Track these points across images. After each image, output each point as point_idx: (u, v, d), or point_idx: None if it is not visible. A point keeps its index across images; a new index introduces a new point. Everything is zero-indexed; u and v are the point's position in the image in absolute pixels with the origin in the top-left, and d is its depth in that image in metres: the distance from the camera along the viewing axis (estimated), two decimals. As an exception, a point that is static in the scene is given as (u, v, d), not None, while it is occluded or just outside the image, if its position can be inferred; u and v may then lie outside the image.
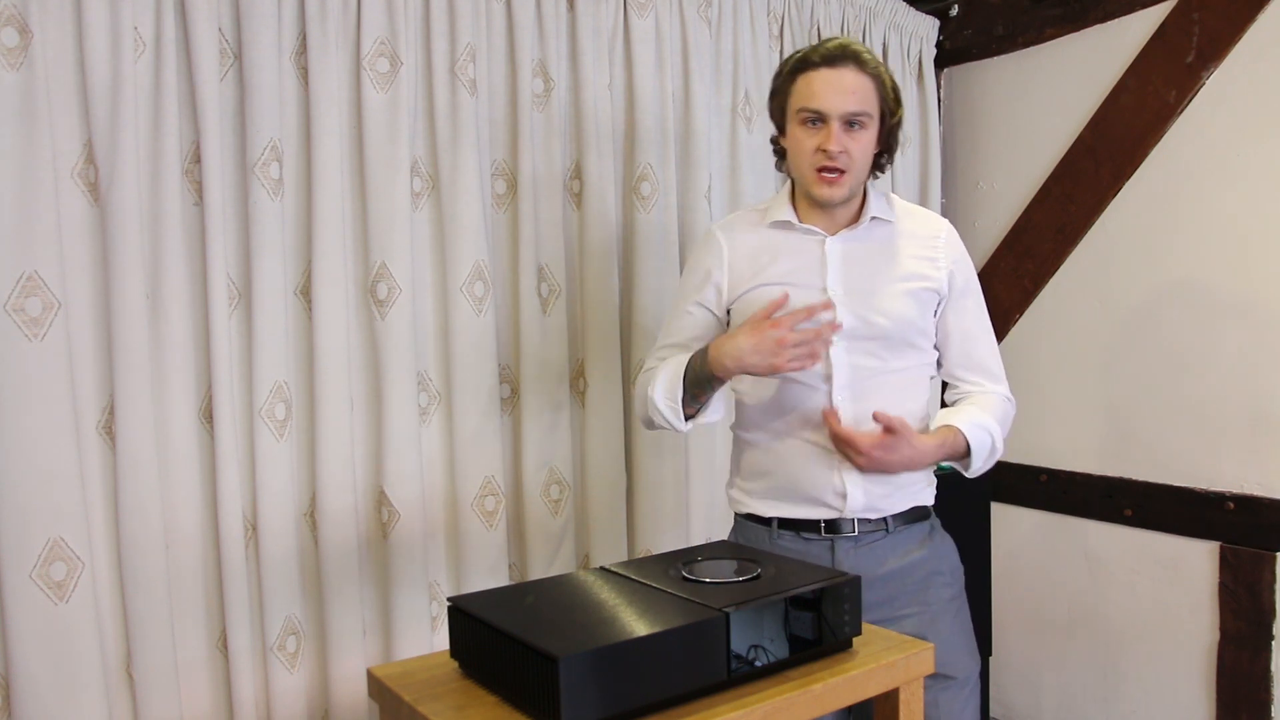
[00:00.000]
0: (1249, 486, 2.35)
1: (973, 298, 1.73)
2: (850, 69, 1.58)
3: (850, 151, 1.58)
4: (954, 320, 1.70)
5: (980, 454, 1.64)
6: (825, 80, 1.58)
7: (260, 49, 1.81)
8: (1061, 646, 2.76)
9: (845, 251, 1.66)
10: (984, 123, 2.92)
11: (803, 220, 1.67)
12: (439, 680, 1.21)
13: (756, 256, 1.69)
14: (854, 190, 1.63)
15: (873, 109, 1.60)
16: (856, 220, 1.67)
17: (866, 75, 1.59)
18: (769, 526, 1.68)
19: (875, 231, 1.68)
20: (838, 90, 1.57)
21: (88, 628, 1.66)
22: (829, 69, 1.58)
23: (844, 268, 1.64)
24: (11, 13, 1.59)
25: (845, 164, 1.59)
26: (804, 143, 1.61)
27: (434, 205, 2.05)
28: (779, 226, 1.69)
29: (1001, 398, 1.73)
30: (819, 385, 1.62)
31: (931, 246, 1.69)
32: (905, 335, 1.65)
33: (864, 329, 1.62)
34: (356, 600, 1.94)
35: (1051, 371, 2.75)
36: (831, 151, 1.57)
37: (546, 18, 2.14)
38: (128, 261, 1.69)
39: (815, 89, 1.58)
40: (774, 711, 1.14)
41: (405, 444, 1.96)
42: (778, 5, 2.54)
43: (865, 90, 1.59)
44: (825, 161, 1.58)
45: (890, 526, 1.65)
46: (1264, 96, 2.29)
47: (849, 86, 1.57)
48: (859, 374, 1.62)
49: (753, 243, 1.70)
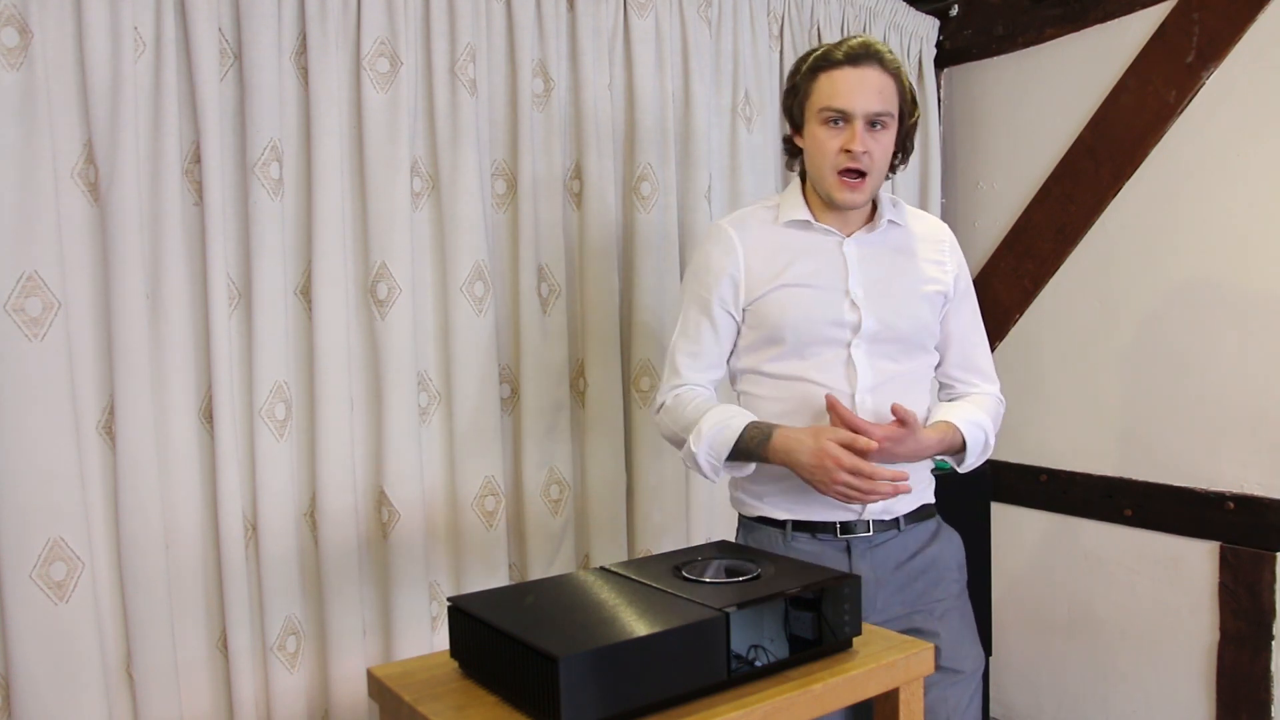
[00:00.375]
0: (1249, 486, 2.35)
1: (971, 301, 1.75)
2: (874, 68, 1.56)
3: (872, 152, 1.57)
4: (955, 322, 1.72)
5: (974, 450, 1.65)
6: (849, 79, 1.56)
7: (260, 49, 1.81)
8: (1061, 646, 2.76)
9: (863, 254, 1.65)
10: (984, 123, 2.92)
11: (818, 220, 1.66)
12: (439, 680, 1.21)
13: (774, 256, 1.65)
14: (872, 193, 1.63)
15: (894, 109, 1.59)
16: (869, 221, 1.67)
17: (889, 75, 1.58)
18: (783, 529, 1.67)
19: (890, 235, 1.68)
20: (862, 90, 1.55)
21: (88, 628, 1.66)
22: (853, 68, 1.56)
23: (863, 270, 1.64)
24: (11, 13, 1.59)
25: (867, 165, 1.58)
26: (826, 143, 1.59)
27: (434, 205, 2.05)
28: (795, 226, 1.67)
29: (995, 398, 1.75)
30: (843, 389, 1.61)
31: (939, 250, 1.71)
32: (920, 338, 1.66)
33: (886, 332, 1.62)
34: (356, 600, 1.94)
35: (1051, 371, 2.75)
36: (855, 152, 1.56)
37: (546, 18, 2.14)
38: (128, 261, 1.69)
39: (839, 88, 1.56)
40: (774, 711, 1.14)
41: (405, 444, 1.96)
42: (778, 5, 2.54)
43: (888, 90, 1.58)
44: (849, 163, 1.57)
45: (902, 525, 1.66)
46: (1264, 96, 2.29)
47: (873, 86, 1.56)
48: (880, 376, 1.63)
49: (769, 241, 1.67)
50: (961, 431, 1.62)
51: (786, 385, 1.64)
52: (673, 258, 2.30)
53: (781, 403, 1.65)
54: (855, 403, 1.61)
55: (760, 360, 1.67)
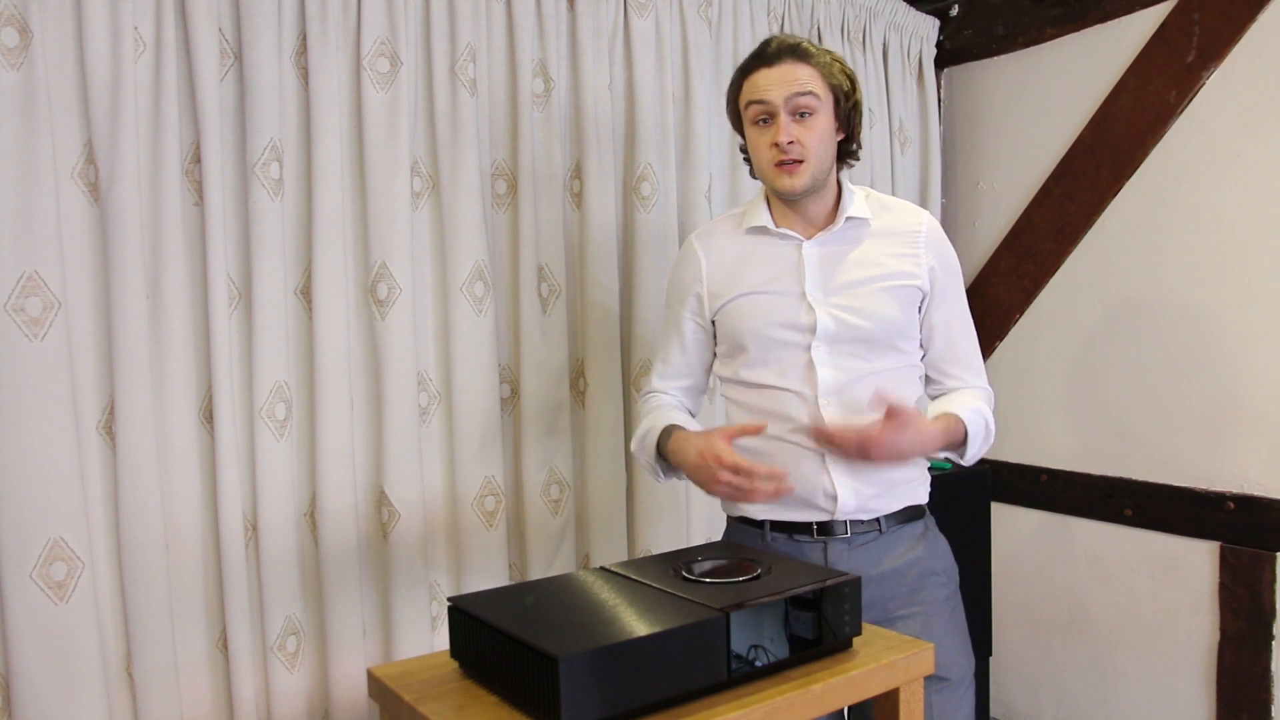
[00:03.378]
0: (1249, 486, 2.35)
1: (954, 292, 1.71)
2: (789, 62, 1.59)
3: (801, 140, 1.58)
4: (936, 314, 1.68)
5: (977, 438, 1.64)
6: (768, 76, 1.60)
7: (260, 49, 1.81)
8: (1061, 646, 2.76)
9: (823, 255, 1.65)
10: (984, 123, 2.92)
11: (779, 224, 1.67)
12: (439, 680, 1.21)
13: (734, 265, 1.69)
14: (815, 178, 1.61)
15: (819, 91, 1.60)
16: (832, 221, 1.67)
17: (808, 64, 1.60)
18: (761, 529, 1.68)
19: (852, 232, 1.66)
20: (780, 82, 1.59)
21: (88, 628, 1.66)
22: (769, 67, 1.60)
23: (821, 271, 1.63)
24: (11, 13, 1.59)
25: (799, 153, 1.58)
26: (758, 141, 1.63)
27: (434, 205, 2.05)
28: (755, 232, 1.69)
29: (985, 391, 1.73)
30: (805, 391, 1.61)
31: (911, 243, 1.66)
32: (887, 336, 1.63)
33: (845, 332, 1.61)
34: (356, 600, 1.94)
35: (1052, 371, 2.75)
36: (782, 144, 1.58)
37: (546, 18, 2.14)
38: (128, 261, 1.69)
39: (759, 83, 1.60)
40: (774, 711, 1.14)
41: (405, 444, 1.96)
42: (778, 5, 2.54)
43: (806, 76, 1.59)
44: (779, 156, 1.59)
45: (884, 527, 1.64)
46: (1264, 96, 2.29)
47: (790, 77, 1.59)
48: (843, 376, 1.61)
49: (730, 251, 1.70)
50: (963, 420, 1.61)
51: (757, 392, 1.66)
52: (673, 258, 2.29)
53: (750, 404, 1.67)
54: (819, 405, 1.60)
55: (734, 369, 1.69)
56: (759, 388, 1.65)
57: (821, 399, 1.60)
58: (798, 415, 1.61)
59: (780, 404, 1.63)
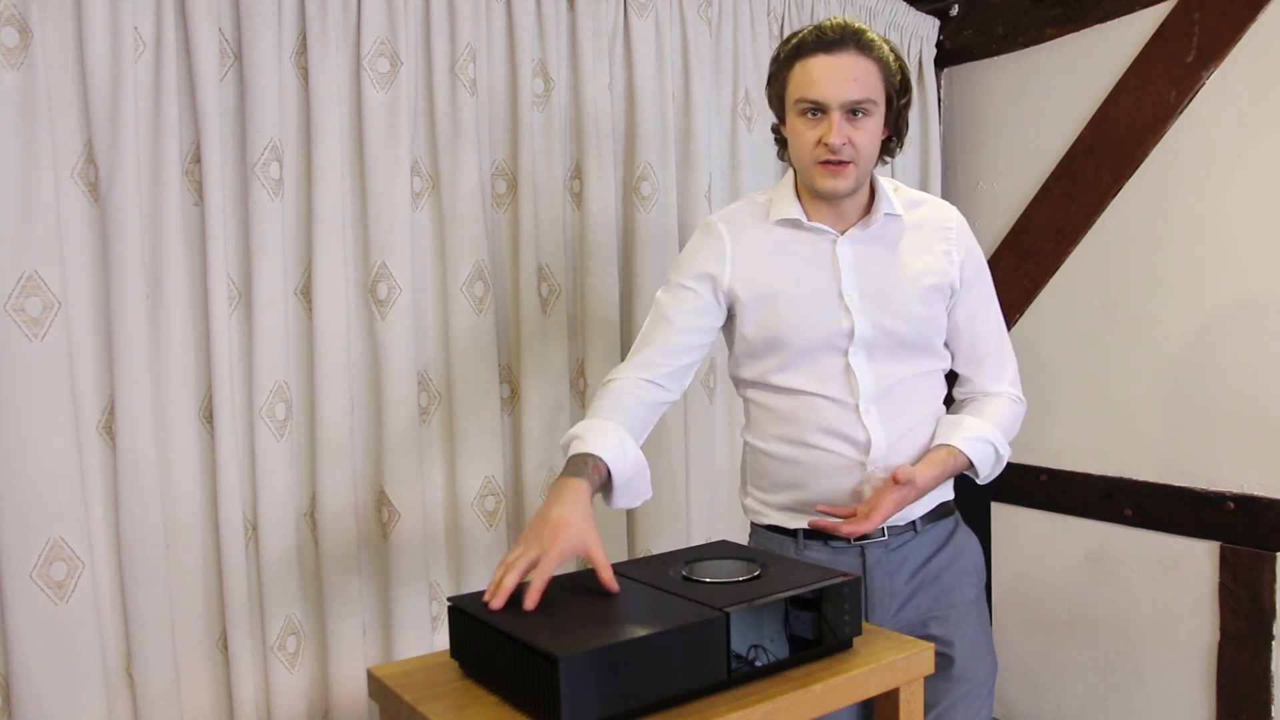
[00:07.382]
0: (1249, 486, 2.35)
1: (984, 289, 1.64)
2: (850, 53, 1.47)
3: (854, 142, 1.48)
4: (963, 314, 1.63)
5: (985, 465, 1.58)
6: (824, 68, 1.47)
7: (260, 49, 1.81)
8: (1062, 647, 2.76)
9: (858, 253, 1.57)
10: (984, 123, 2.92)
11: (810, 217, 1.58)
12: (439, 680, 1.21)
13: (765, 258, 1.58)
14: (860, 181, 1.54)
15: (877, 95, 1.49)
16: (865, 214, 1.59)
17: (869, 59, 1.48)
18: (795, 538, 1.62)
19: (889, 228, 1.59)
20: (837, 78, 1.46)
21: (88, 628, 1.66)
22: (827, 55, 1.47)
23: (857, 271, 1.56)
24: (11, 13, 1.59)
25: (850, 156, 1.49)
26: (804, 135, 1.51)
27: (434, 205, 2.05)
28: (786, 225, 1.59)
29: (1009, 399, 1.65)
30: (845, 398, 1.55)
31: (944, 238, 1.61)
32: (924, 337, 1.58)
33: (883, 338, 1.55)
34: (356, 600, 1.94)
35: (1052, 371, 2.75)
36: (834, 145, 1.47)
37: (546, 18, 2.14)
38: (128, 261, 1.69)
39: (814, 77, 1.47)
40: (774, 711, 1.14)
41: (405, 444, 1.96)
42: (778, 5, 2.54)
43: (868, 75, 1.48)
44: (827, 155, 1.48)
45: (919, 528, 1.61)
46: (1264, 96, 2.29)
47: (850, 74, 1.46)
48: (883, 382, 1.56)
49: (760, 243, 1.59)
50: (964, 453, 1.56)
51: (790, 398, 1.58)
52: (673, 258, 2.29)
53: (786, 417, 1.59)
54: (860, 413, 1.55)
55: (763, 371, 1.60)
56: (793, 393, 1.58)
57: (862, 406, 1.55)
58: (830, 419, 1.55)
59: (816, 411, 1.56)
